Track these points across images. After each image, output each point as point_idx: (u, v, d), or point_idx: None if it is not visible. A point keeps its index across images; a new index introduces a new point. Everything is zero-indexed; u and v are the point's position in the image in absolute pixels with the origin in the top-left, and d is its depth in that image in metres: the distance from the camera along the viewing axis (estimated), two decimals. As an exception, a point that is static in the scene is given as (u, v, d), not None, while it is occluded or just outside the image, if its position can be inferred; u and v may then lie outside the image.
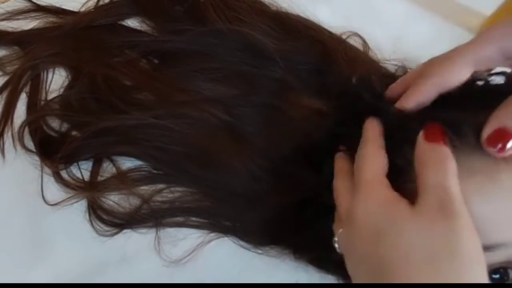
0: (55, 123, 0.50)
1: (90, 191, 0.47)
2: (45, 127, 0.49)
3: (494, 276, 0.32)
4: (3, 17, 0.56)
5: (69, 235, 0.46)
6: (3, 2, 0.57)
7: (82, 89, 0.50)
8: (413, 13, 0.62)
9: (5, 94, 0.52)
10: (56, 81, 0.53)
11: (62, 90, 0.52)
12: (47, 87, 0.52)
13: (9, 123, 0.50)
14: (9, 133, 0.50)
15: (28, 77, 0.52)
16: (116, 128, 0.48)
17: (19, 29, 0.56)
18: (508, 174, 0.32)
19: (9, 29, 0.56)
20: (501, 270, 0.32)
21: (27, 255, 0.46)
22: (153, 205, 0.47)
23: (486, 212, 0.31)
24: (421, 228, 0.31)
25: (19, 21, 0.56)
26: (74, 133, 0.49)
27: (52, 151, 0.48)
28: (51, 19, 0.56)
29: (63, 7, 0.57)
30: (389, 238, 0.32)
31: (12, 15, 0.56)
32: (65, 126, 0.50)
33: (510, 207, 0.31)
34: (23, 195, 0.47)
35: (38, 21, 0.56)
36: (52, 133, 0.50)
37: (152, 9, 0.56)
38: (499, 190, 0.31)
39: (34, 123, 0.49)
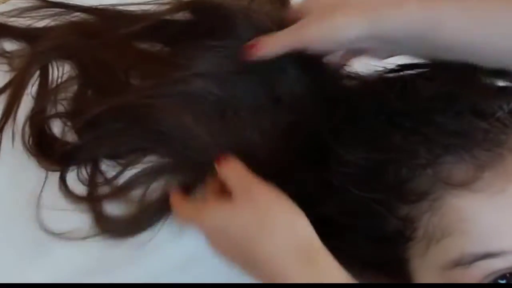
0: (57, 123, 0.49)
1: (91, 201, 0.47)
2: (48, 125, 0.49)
3: (500, 281, 0.33)
4: (12, 13, 0.54)
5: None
6: (3, 2, 0.56)
7: (77, 76, 0.50)
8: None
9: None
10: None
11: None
12: (56, 81, 0.51)
13: (10, 120, 0.49)
14: (9, 133, 0.49)
15: (33, 72, 0.51)
16: (107, 112, 0.47)
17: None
18: None
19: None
20: (507, 275, 0.33)
21: (26, 255, 0.46)
22: None
23: (493, 221, 0.33)
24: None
25: (29, 19, 0.54)
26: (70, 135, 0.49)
27: (48, 151, 0.47)
28: (65, 16, 0.54)
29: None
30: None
31: (21, 11, 0.54)
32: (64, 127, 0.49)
33: None
34: (22, 195, 0.47)
35: (52, 18, 0.54)
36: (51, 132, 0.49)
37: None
38: (506, 200, 0.34)
39: (35, 118, 0.49)
